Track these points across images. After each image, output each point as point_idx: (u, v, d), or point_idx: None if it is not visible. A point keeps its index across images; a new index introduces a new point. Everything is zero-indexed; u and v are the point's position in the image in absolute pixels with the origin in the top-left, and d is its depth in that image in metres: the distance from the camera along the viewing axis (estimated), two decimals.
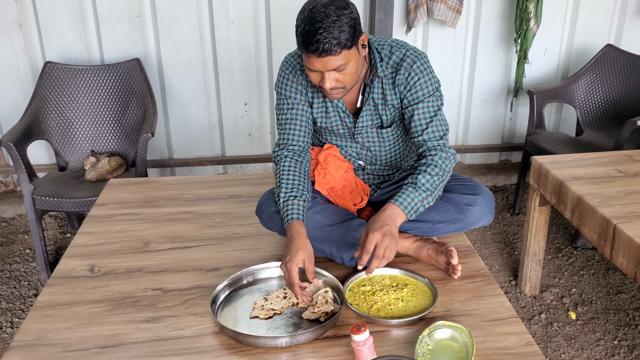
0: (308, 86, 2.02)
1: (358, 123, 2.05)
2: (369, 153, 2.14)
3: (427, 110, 1.95)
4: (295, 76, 2.01)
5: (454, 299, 1.83)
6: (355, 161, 2.18)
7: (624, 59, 3.66)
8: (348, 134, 2.10)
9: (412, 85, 1.94)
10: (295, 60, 2.01)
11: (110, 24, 3.44)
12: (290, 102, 2.03)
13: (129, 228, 2.24)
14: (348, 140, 2.12)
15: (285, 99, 2.03)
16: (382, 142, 2.11)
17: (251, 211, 2.31)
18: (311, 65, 1.77)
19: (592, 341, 2.64)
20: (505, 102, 4.02)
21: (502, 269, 3.18)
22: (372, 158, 2.16)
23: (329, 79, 1.79)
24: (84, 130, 3.35)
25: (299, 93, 2.02)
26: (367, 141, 2.11)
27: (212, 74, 3.66)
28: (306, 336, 1.61)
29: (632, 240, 2.07)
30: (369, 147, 2.12)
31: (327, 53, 1.71)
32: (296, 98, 2.02)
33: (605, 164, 2.69)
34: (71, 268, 1.98)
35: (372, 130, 2.08)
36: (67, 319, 1.72)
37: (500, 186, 4.15)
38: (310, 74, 1.82)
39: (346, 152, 2.16)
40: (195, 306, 1.78)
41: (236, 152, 3.89)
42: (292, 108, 2.03)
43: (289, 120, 2.03)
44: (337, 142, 2.15)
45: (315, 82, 1.83)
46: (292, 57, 2.03)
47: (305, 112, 2.04)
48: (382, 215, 1.79)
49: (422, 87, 1.94)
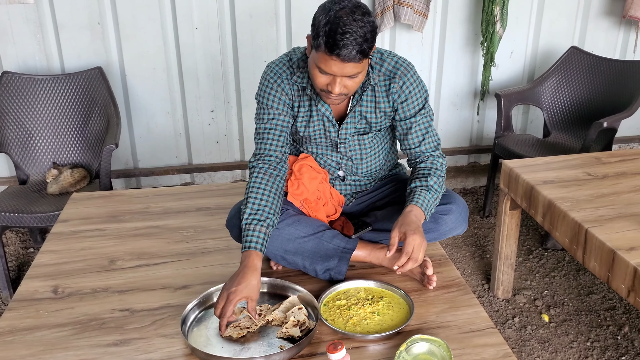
0: (294, 95, 1.98)
1: (342, 130, 2.02)
2: (349, 163, 2.11)
3: (422, 124, 2.01)
4: (281, 85, 1.96)
5: (430, 310, 1.81)
6: (335, 171, 2.14)
7: (588, 61, 3.69)
8: (330, 144, 2.07)
9: (407, 94, 1.95)
10: (281, 69, 1.96)
11: (71, 32, 3.35)
12: (271, 113, 1.97)
13: (93, 245, 2.17)
14: (329, 149, 2.09)
15: (267, 108, 1.98)
16: (364, 150, 2.08)
17: (221, 224, 2.26)
18: (327, 68, 1.73)
19: (566, 344, 2.65)
20: (472, 105, 4.02)
21: (475, 273, 3.17)
22: (352, 168, 2.13)
23: (339, 84, 1.76)
24: (45, 142, 3.25)
25: (281, 103, 1.97)
26: (349, 150, 2.08)
27: (177, 81, 3.59)
28: (281, 356, 1.56)
29: (604, 245, 2.07)
30: (350, 156, 2.09)
31: (350, 59, 1.69)
32: (278, 108, 1.97)
33: (575, 167, 2.70)
34: (33, 290, 1.90)
35: (354, 139, 2.05)
36: (29, 345, 1.64)
37: (469, 189, 4.16)
38: (320, 76, 1.77)
39: (325, 162, 2.12)
40: (164, 327, 1.72)
41: (204, 160, 3.83)
42: (273, 118, 1.98)
43: (268, 130, 1.98)
44: (318, 151, 2.10)
45: (321, 84, 1.79)
46: (276, 66, 1.97)
47: (285, 122, 1.99)
48: (411, 217, 1.83)
49: (417, 97, 1.97)
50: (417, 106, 1.98)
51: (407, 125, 2.00)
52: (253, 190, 1.89)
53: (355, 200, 2.21)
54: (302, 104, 1.99)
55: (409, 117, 1.99)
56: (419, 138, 2.01)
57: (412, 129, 2.00)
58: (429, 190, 1.92)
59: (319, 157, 2.12)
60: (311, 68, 1.79)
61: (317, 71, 1.76)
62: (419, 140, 2.01)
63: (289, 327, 1.66)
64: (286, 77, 1.96)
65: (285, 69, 1.96)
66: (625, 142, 4.29)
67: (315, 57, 1.74)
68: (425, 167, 1.99)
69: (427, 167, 1.99)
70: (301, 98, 1.99)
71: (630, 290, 1.97)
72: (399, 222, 1.82)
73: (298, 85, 1.96)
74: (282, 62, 1.97)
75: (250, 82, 3.64)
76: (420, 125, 2.00)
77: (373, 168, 2.16)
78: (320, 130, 2.03)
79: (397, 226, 1.81)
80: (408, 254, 1.75)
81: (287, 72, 1.96)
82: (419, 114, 1.99)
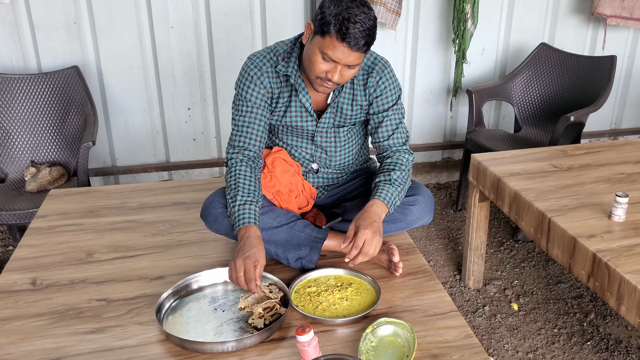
0: (274, 86, 2.03)
1: (320, 122, 2.09)
2: (323, 155, 2.18)
3: (393, 119, 2.09)
4: (260, 78, 2.01)
5: (396, 295, 1.88)
6: (309, 164, 2.20)
7: (557, 57, 3.79)
8: (306, 134, 2.13)
9: (382, 90, 2.05)
10: (262, 61, 2.01)
11: (47, 32, 3.38)
12: (250, 106, 2.02)
13: (71, 239, 2.21)
14: (304, 140, 2.15)
15: (245, 101, 2.03)
16: (339, 143, 2.16)
17: (195, 217, 2.32)
18: (333, 55, 1.79)
19: (534, 330, 2.73)
20: (445, 101, 4.10)
21: (447, 264, 3.25)
22: (326, 160, 2.19)
23: (340, 72, 1.84)
24: (23, 141, 3.28)
25: (260, 97, 2.02)
26: (324, 142, 2.14)
27: (153, 80, 3.63)
28: (252, 340, 1.63)
29: (566, 232, 2.15)
30: (325, 148, 2.16)
31: (359, 49, 1.78)
32: (256, 102, 2.02)
33: (541, 160, 2.78)
34: (12, 282, 1.94)
35: (331, 131, 2.12)
36: (8, 334, 1.69)
37: (443, 183, 4.25)
38: (322, 62, 1.83)
39: (300, 154, 2.18)
40: (140, 315, 1.78)
41: (181, 158, 3.87)
42: (251, 112, 2.03)
43: (247, 124, 2.03)
44: (293, 143, 2.16)
45: (320, 71, 1.84)
46: (257, 58, 2.02)
47: (263, 117, 2.05)
48: (370, 212, 1.89)
49: (391, 93, 2.07)
50: (391, 102, 2.07)
51: (379, 118, 2.08)
52: (240, 177, 1.96)
53: (327, 193, 2.27)
54: (282, 94, 2.05)
55: (381, 111, 2.07)
56: (388, 132, 2.09)
57: (383, 123, 2.08)
58: (392, 184, 1.99)
59: (294, 149, 2.17)
60: (312, 54, 1.84)
61: (319, 57, 1.83)
62: (389, 134, 2.09)
63: (255, 319, 1.72)
64: (267, 70, 2.01)
65: (267, 60, 2.01)
66: (595, 136, 4.40)
67: (321, 43, 1.80)
68: (390, 162, 2.07)
69: (393, 162, 2.06)
70: (281, 89, 2.04)
71: (589, 275, 2.05)
72: (358, 216, 1.89)
73: (281, 74, 2.02)
74: (264, 53, 2.03)
75: (227, 80, 3.69)
76: (392, 119, 2.08)
77: (346, 161, 2.22)
78: (297, 120, 2.09)
79: (355, 219, 1.88)
80: (358, 247, 1.82)
81: (269, 64, 2.01)
82: (391, 109, 2.07)
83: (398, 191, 1.99)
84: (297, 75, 2.00)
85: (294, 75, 2.00)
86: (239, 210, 1.89)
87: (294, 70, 1.99)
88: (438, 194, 4.09)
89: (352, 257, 1.83)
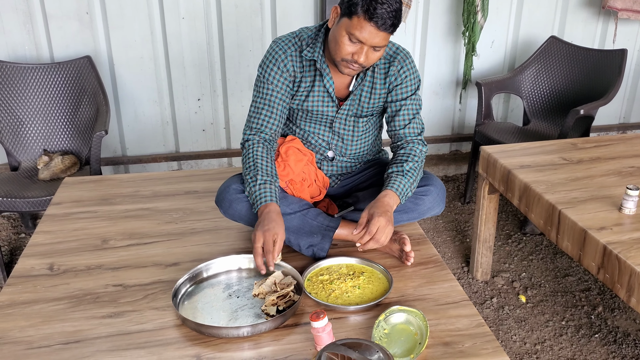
0: (297, 70, 2.05)
1: (341, 109, 2.11)
2: (340, 142, 2.19)
3: (411, 109, 2.11)
4: (284, 61, 2.03)
5: (408, 284, 1.90)
6: (325, 151, 2.22)
7: (567, 50, 3.79)
8: (325, 120, 2.15)
9: (403, 79, 2.07)
10: (287, 45, 2.04)
11: (59, 22, 3.40)
12: (271, 88, 2.05)
13: (86, 226, 2.24)
14: (322, 127, 2.17)
15: (267, 83, 2.05)
16: (357, 132, 2.18)
17: (208, 206, 2.35)
18: (361, 35, 1.81)
19: (541, 322, 2.75)
20: (454, 93, 4.12)
21: (455, 256, 3.27)
22: (342, 148, 2.21)
23: (366, 54, 1.86)
24: (36, 129, 3.31)
25: (282, 80, 2.04)
26: (342, 129, 2.16)
27: (164, 70, 3.65)
28: (267, 325, 1.65)
29: (576, 225, 2.17)
30: (342, 135, 2.18)
31: (385, 29, 1.81)
32: (277, 85, 2.05)
33: (551, 152, 2.80)
34: (30, 267, 1.97)
35: (350, 119, 2.14)
36: (28, 317, 1.72)
37: (451, 176, 4.26)
38: (348, 44, 1.85)
39: (316, 141, 2.19)
40: (156, 300, 1.80)
41: (190, 148, 3.90)
42: (272, 94, 2.05)
43: (266, 107, 2.06)
44: (311, 129, 2.18)
45: (346, 53, 1.87)
46: (282, 42, 2.05)
47: (283, 100, 2.07)
48: (383, 202, 1.91)
49: (411, 83, 2.09)
50: (410, 92, 2.09)
51: (397, 107, 2.10)
52: (258, 158, 2.00)
53: (340, 183, 2.29)
54: (304, 78, 2.07)
55: (399, 100, 2.09)
56: (405, 121, 2.11)
57: (400, 111, 2.10)
58: (404, 175, 2.01)
59: (310, 136, 2.19)
60: (338, 36, 1.86)
61: (345, 39, 1.85)
62: (405, 123, 2.11)
63: (268, 305, 1.75)
64: (291, 53, 2.03)
65: (292, 44, 2.04)
66: (604, 130, 4.41)
67: (348, 24, 1.82)
68: (404, 154, 2.08)
69: (406, 153, 2.08)
70: (304, 73, 2.07)
71: (599, 267, 2.07)
72: (370, 204, 1.91)
73: (307, 59, 2.04)
74: (289, 38, 2.05)
75: (236, 71, 3.71)
76: (409, 109, 2.10)
77: (361, 150, 2.24)
78: (319, 105, 2.11)
79: (368, 208, 1.90)
80: (371, 233, 1.84)
81: (294, 48, 2.04)
82: (410, 98, 2.10)
83: (410, 182, 2.01)
84: (322, 60, 2.02)
85: (320, 59, 2.02)
86: (260, 190, 1.93)
87: (320, 55, 2.02)
88: (446, 186, 4.11)
89: (364, 242, 1.85)
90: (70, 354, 1.58)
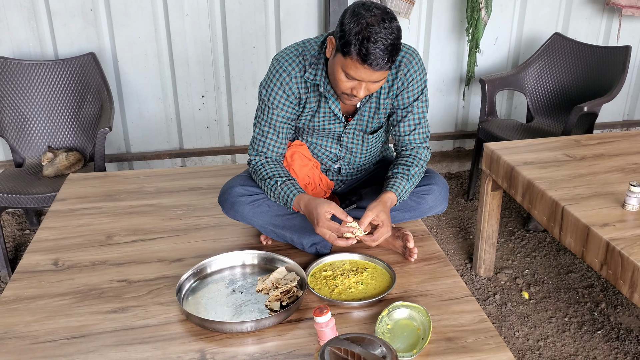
0: (302, 92, 1.98)
1: (349, 125, 2.06)
2: (348, 155, 2.17)
3: (417, 114, 2.05)
4: (289, 84, 1.95)
5: (411, 280, 1.91)
6: (331, 165, 2.19)
7: (571, 47, 3.79)
8: (332, 135, 2.11)
9: (410, 82, 1.99)
10: (291, 65, 1.94)
11: (64, 19, 3.41)
12: (276, 113, 1.99)
13: (91, 222, 2.25)
14: (330, 140, 2.13)
15: (272, 107, 1.98)
16: (365, 146, 2.15)
17: (212, 202, 2.35)
18: (356, 75, 1.74)
19: (544, 319, 2.75)
20: (458, 90, 4.11)
21: (458, 253, 3.27)
22: (350, 160, 2.19)
23: (365, 88, 1.79)
24: (40, 126, 3.32)
25: (287, 103, 1.98)
26: (350, 142, 2.13)
27: (167, 67, 3.66)
28: (270, 320, 1.66)
29: (579, 221, 2.17)
30: (351, 149, 2.15)
31: (381, 69, 1.72)
32: (282, 109, 1.98)
33: (554, 149, 2.80)
34: (35, 263, 1.99)
35: (358, 135, 2.11)
36: (33, 312, 1.74)
37: (454, 173, 4.26)
38: (346, 81, 1.78)
39: (323, 154, 2.17)
40: (160, 296, 1.82)
41: (194, 145, 3.91)
42: (276, 118, 2.00)
43: (272, 131, 2.01)
44: (318, 142, 2.14)
45: (345, 88, 1.80)
46: (286, 61, 1.95)
47: (287, 124, 2.02)
48: (384, 201, 1.89)
49: (418, 85, 2.01)
50: (417, 94, 2.02)
51: (403, 113, 2.04)
52: (271, 168, 1.99)
53: (344, 185, 2.29)
54: (309, 99, 2.00)
55: (406, 106, 2.03)
56: (410, 127, 2.06)
57: (406, 117, 2.04)
58: (408, 180, 1.99)
59: (317, 149, 2.16)
60: (336, 72, 1.79)
61: (342, 75, 1.78)
62: (410, 129, 2.06)
63: (271, 301, 1.75)
64: (295, 75, 1.94)
65: (295, 65, 1.94)
66: (608, 127, 4.40)
67: (343, 63, 1.75)
68: (410, 155, 2.05)
69: (412, 156, 2.05)
70: (309, 94, 1.99)
71: (602, 263, 2.07)
72: (378, 207, 1.86)
73: (310, 82, 1.97)
74: (292, 57, 1.95)
75: (240, 68, 3.72)
76: (415, 114, 2.05)
77: (369, 160, 2.23)
78: (325, 124, 2.06)
79: (376, 210, 1.85)
80: (375, 241, 1.85)
81: (297, 69, 1.94)
82: (416, 101, 2.03)
83: (411, 186, 2.01)
84: (325, 82, 1.95)
85: (323, 83, 1.95)
86: (285, 188, 1.93)
87: (322, 77, 1.94)
88: (449, 183, 4.11)
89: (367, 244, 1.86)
90: (75, 349, 1.59)
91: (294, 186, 1.93)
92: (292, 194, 1.92)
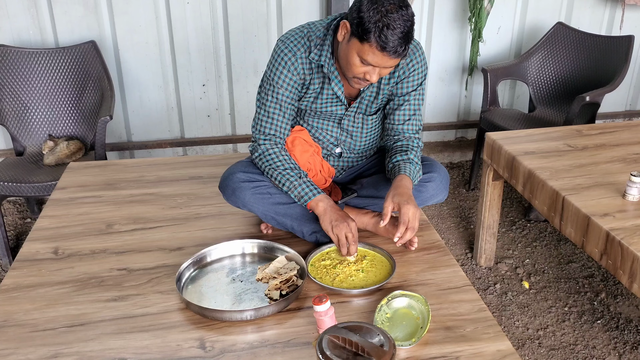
0: (306, 72, 1.99)
1: (350, 108, 2.08)
2: (348, 139, 2.17)
3: (413, 104, 2.08)
4: (294, 64, 1.96)
5: (411, 269, 1.91)
6: (332, 148, 2.20)
7: (573, 37, 3.77)
8: (334, 118, 2.12)
9: (411, 72, 2.03)
10: (296, 46, 1.95)
11: (64, 6, 3.40)
12: (281, 92, 1.99)
13: (91, 210, 2.25)
14: (331, 123, 2.14)
15: (277, 87, 1.99)
16: (365, 129, 2.15)
17: (213, 191, 2.35)
18: (373, 61, 1.77)
19: (544, 308, 2.76)
20: (460, 80, 4.10)
21: (459, 242, 3.28)
22: (350, 144, 2.19)
23: (378, 73, 1.82)
24: (41, 114, 3.32)
25: (292, 83, 1.99)
26: (351, 126, 2.14)
27: (168, 56, 3.65)
28: (270, 309, 1.66)
29: (580, 211, 2.17)
30: (351, 132, 2.15)
31: (398, 55, 1.76)
32: (288, 89, 1.99)
33: (556, 139, 2.79)
34: (35, 251, 1.99)
35: (358, 117, 2.11)
36: (33, 300, 1.74)
37: (456, 163, 4.25)
38: (360, 66, 1.81)
39: (324, 137, 2.17)
40: (160, 284, 1.82)
41: (195, 134, 3.90)
42: (283, 99, 2.01)
43: (278, 111, 2.02)
44: (319, 125, 2.14)
45: (357, 72, 1.83)
46: (291, 42, 1.96)
47: (292, 104, 2.03)
48: (403, 188, 1.90)
49: (418, 76, 2.05)
50: (416, 84, 2.05)
51: (400, 102, 2.06)
52: (286, 159, 2.01)
53: (345, 172, 2.29)
54: (313, 80, 2.01)
55: (404, 94, 2.05)
56: (405, 117, 2.08)
57: (402, 106, 2.07)
58: (411, 163, 2.00)
59: (318, 132, 2.16)
60: (350, 57, 1.81)
61: (357, 60, 1.79)
62: (405, 119, 2.08)
63: (271, 290, 1.76)
64: (300, 55, 1.96)
65: (300, 45, 1.96)
66: (610, 117, 4.39)
67: (360, 48, 1.76)
68: (402, 145, 2.07)
69: (405, 145, 2.07)
70: (313, 75, 2.00)
71: (602, 253, 2.07)
72: (392, 193, 1.87)
73: (314, 62, 1.98)
74: (297, 38, 1.96)
75: (241, 56, 3.70)
76: (411, 104, 2.07)
77: (369, 145, 2.23)
78: (327, 106, 2.07)
79: (390, 197, 1.86)
80: (405, 223, 1.82)
81: (302, 49, 1.96)
82: (414, 92, 2.05)
83: (417, 170, 2.01)
84: (330, 64, 1.96)
85: (327, 64, 1.95)
86: (303, 183, 1.97)
87: (327, 59, 1.95)
88: (451, 173, 4.10)
89: (401, 234, 1.83)
90: (75, 337, 1.60)
91: (313, 184, 1.98)
92: (310, 193, 1.96)
